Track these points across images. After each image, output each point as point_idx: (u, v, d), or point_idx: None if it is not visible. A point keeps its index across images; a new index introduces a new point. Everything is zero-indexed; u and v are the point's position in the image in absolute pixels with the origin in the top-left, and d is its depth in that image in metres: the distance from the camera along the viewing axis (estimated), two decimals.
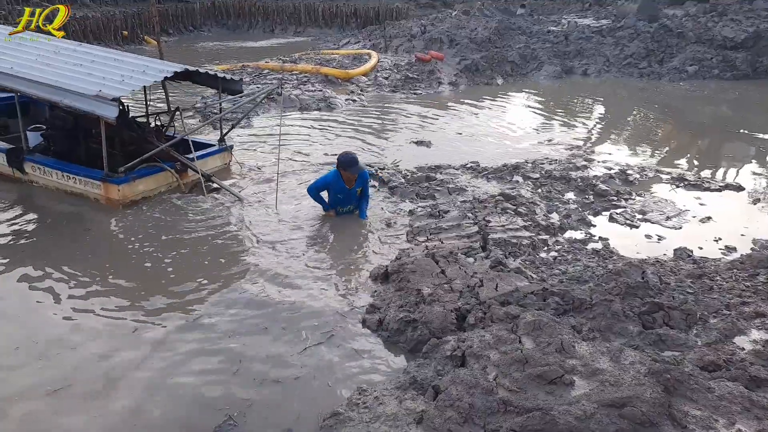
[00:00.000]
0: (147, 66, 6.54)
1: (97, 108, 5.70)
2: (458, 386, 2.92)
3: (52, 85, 6.04)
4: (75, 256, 5.24)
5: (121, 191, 6.17)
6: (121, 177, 6.14)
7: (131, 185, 6.27)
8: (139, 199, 6.38)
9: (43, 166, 6.64)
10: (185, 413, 3.27)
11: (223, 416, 3.21)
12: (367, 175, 6.14)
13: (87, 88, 5.86)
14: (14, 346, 3.88)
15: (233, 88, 7.49)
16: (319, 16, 29.49)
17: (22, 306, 4.44)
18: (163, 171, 6.60)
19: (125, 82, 6.07)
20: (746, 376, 2.96)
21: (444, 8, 29.44)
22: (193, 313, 4.31)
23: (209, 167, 7.20)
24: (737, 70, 16.34)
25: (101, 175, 6.14)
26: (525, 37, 18.84)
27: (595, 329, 3.68)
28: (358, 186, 5.92)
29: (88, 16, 22.19)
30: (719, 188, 7.42)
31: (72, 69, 6.41)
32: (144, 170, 6.43)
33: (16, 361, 3.74)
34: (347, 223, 6.01)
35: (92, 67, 6.47)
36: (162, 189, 6.67)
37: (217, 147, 7.50)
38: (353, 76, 14.31)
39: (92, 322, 4.20)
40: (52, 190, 6.70)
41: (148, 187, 6.50)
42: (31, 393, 3.44)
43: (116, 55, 7.03)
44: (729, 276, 4.65)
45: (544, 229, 5.91)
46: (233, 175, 7.50)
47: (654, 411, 2.58)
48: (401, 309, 4.12)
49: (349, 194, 5.93)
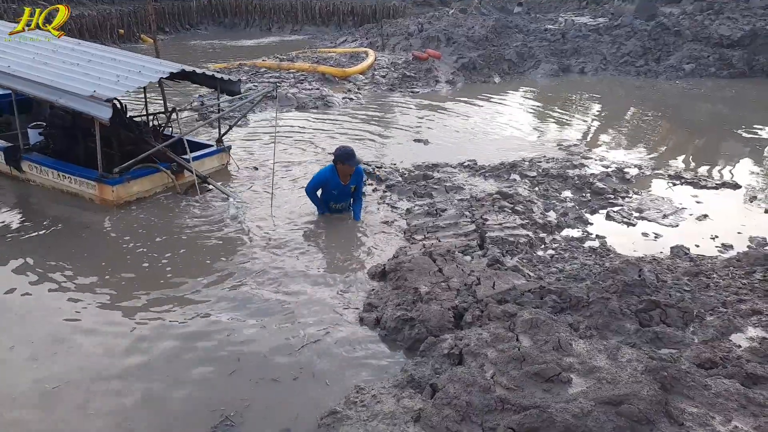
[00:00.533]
0: (143, 66, 6.51)
1: (92, 108, 5.69)
2: (456, 384, 2.92)
3: (49, 84, 6.02)
4: (70, 255, 5.22)
5: (115, 192, 6.16)
6: (116, 178, 6.13)
7: (125, 186, 6.26)
8: (134, 199, 6.37)
9: (40, 165, 6.63)
10: (182, 413, 3.26)
11: (220, 417, 3.19)
12: (363, 172, 6.11)
13: (82, 89, 5.84)
14: (9, 345, 3.87)
15: (231, 89, 7.46)
16: (316, 15, 29.44)
17: (16, 304, 4.42)
18: (159, 172, 6.58)
19: (120, 82, 6.05)
20: (743, 374, 2.97)
21: (441, 6, 29.43)
22: (189, 313, 4.29)
23: (207, 168, 7.17)
24: (734, 68, 16.39)
25: (96, 175, 6.14)
26: (522, 35, 18.85)
27: (592, 327, 3.68)
28: (353, 183, 5.88)
29: (84, 14, 22.12)
30: (716, 186, 7.44)
31: (69, 69, 6.39)
32: (139, 171, 6.41)
33: (13, 359, 3.73)
34: (344, 222, 6.01)
35: (89, 66, 6.45)
36: (157, 189, 6.65)
37: (215, 147, 7.48)
38: (350, 74, 14.29)
39: (88, 321, 4.18)
40: (49, 189, 6.68)
41: (143, 188, 6.48)
42: (27, 392, 3.42)
43: (114, 55, 7.00)
44: (725, 274, 4.66)
45: (541, 227, 5.92)
46: (230, 176, 7.49)
47: (651, 408, 2.59)
48: (398, 307, 4.12)
49: (343, 190, 5.89)
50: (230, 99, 7.83)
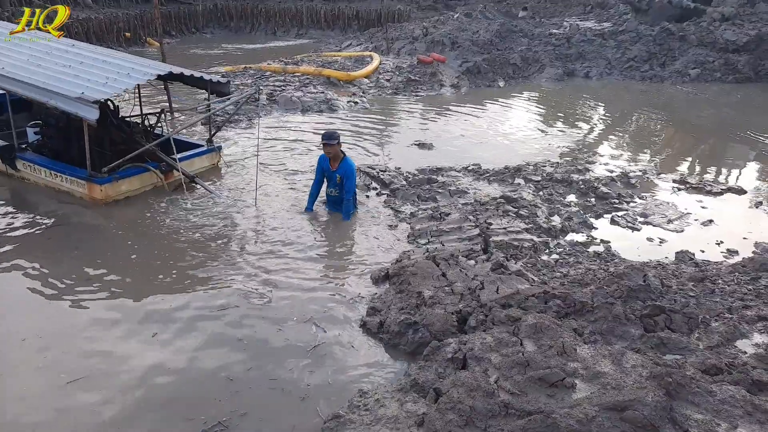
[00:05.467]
0: (132, 68, 6.65)
1: (80, 110, 5.83)
2: (459, 389, 2.92)
3: (40, 86, 6.17)
4: (63, 252, 5.29)
5: (103, 191, 6.30)
6: (105, 177, 6.26)
7: (114, 185, 6.39)
8: (122, 198, 6.48)
9: (33, 163, 6.79)
10: (182, 415, 3.27)
11: (214, 422, 3.19)
12: (352, 170, 6.01)
13: (71, 90, 5.99)
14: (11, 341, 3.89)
15: (221, 90, 7.55)
16: (321, 19, 29.51)
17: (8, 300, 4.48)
18: (147, 171, 6.71)
19: (108, 84, 6.21)
20: (748, 380, 2.95)
21: (446, 11, 29.47)
22: (186, 316, 4.28)
23: (197, 167, 7.29)
24: (739, 73, 16.33)
25: (85, 174, 6.26)
26: (527, 39, 18.84)
27: (596, 332, 3.67)
28: (339, 172, 6.00)
29: (91, 17, 22.24)
30: (721, 191, 7.41)
31: (60, 71, 6.55)
32: (128, 170, 6.55)
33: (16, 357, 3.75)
34: (347, 225, 6.02)
35: (80, 69, 6.60)
36: (147, 188, 6.76)
37: (205, 147, 7.58)
38: (355, 78, 14.31)
39: (85, 321, 4.21)
40: (42, 186, 6.83)
41: (131, 187, 6.61)
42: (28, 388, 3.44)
43: (106, 57, 7.11)
44: (731, 279, 4.64)
45: (545, 231, 5.91)
46: (222, 175, 7.54)
47: (655, 414, 2.58)
48: (402, 311, 4.12)
49: (332, 175, 6.10)
50: (218, 100, 7.91)
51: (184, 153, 7.12)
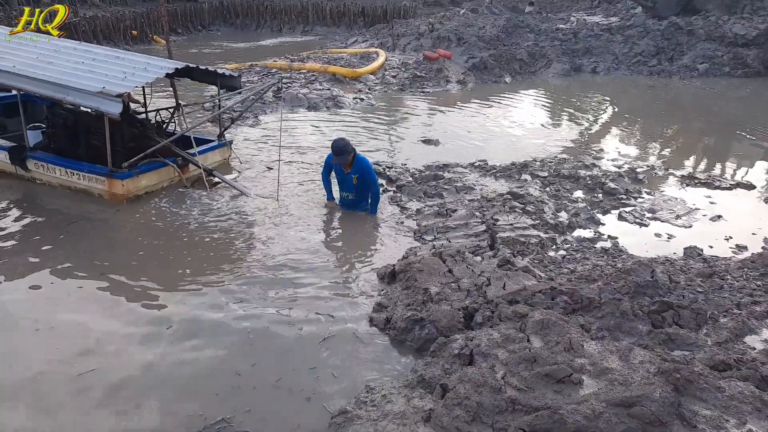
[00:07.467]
0: (148, 63, 6.65)
1: (101, 104, 5.83)
2: (466, 385, 2.92)
3: (56, 82, 6.14)
4: (81, 250, 5.30)
5: (125, 186, 6.29)
6: (125, 172, 6.25)
7: (134, 180, 6.39)
8: (142, 194, 6.49)
9: (47, 163, 6.74)
10: (186, 410, 3.29)
11: (218, 418, 3.20)
12: (367, 164, 5.99)
13: (90, 85, 5.97)
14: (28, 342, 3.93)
15: (231, 85, 7.55)
16: (326, 15, 29.50)
17: (30, 304, 4.50)
18: (165, 166, 6.71)
19: (128, 78, 6.18)
20: (757, 376, 2.93)
21: (452, 6, 29.36)
22: (199, 308, 4.32)
23: (208, 162, 7.29)
24: (749, 67, 16.18)
25: (106, 170, 6.25)
26: (533, 34, 18.75)
27: (603, 328, 3.65)
28: (355, 173, 5.90)
29: (97, 16, 22.34)
30: (730, 186, 7.36)
31: (74, 67, 6.51)
32: (146, 166, 6.53)
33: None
34: (354, 221, 6.02)
35: (94, 64, 6.58)
36: (164, 184, 6.78)
37: (216, 142, 7.58)
38: (361, 74, 14.30)
39: (99, 316, 4.24)
40: (55, 186, 6.79)
41: (150, 182, 6.61)
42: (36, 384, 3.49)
43: (117, 53, 7.14)
44: (740, 275, 4.61)
45: (552, 227, 5.89)
46: (234, 170, 7.57)
47: (663, 410, 2.57)
48: (408, 308, 4.12)
49: (345, 178, 5.98)
50: (233, 93, 7.91)
51: (198, 148, 7.10)
